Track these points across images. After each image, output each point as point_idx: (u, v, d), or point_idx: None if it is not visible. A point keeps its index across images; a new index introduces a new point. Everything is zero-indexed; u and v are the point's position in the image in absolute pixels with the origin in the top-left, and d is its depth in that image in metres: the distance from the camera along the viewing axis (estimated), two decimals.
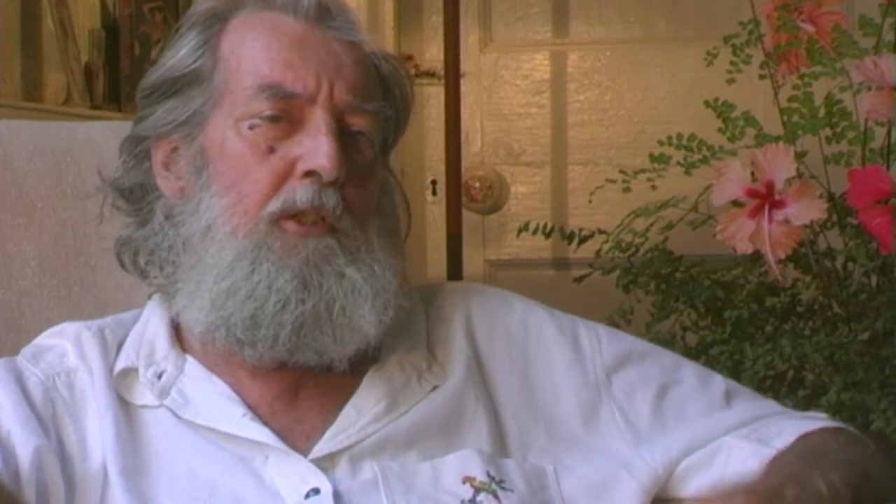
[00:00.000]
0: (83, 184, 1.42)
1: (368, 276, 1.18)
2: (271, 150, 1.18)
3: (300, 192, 1.16)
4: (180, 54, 1.23)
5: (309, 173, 1.17)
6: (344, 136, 1.19)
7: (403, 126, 1.32)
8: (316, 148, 1.17)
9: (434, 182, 2.69)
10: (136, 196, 1.26)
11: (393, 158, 1.36)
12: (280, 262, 1.16)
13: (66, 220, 1.42)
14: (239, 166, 1.18)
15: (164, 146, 1.23)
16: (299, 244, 1.16)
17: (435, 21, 2.63)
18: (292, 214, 1.17)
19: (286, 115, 1.18)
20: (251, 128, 1.18)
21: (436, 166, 2.65)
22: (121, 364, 1.23)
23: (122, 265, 1.27)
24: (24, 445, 1.15)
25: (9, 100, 2.18)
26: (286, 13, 1.22)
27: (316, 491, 1.15)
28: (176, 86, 1.22)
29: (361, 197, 1.20)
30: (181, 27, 1.25)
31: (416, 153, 2.70)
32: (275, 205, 1.17)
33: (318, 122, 1.18)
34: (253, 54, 1.20)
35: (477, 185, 2.65)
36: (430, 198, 2.70)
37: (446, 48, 2.32)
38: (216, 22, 1.23)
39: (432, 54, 2.68)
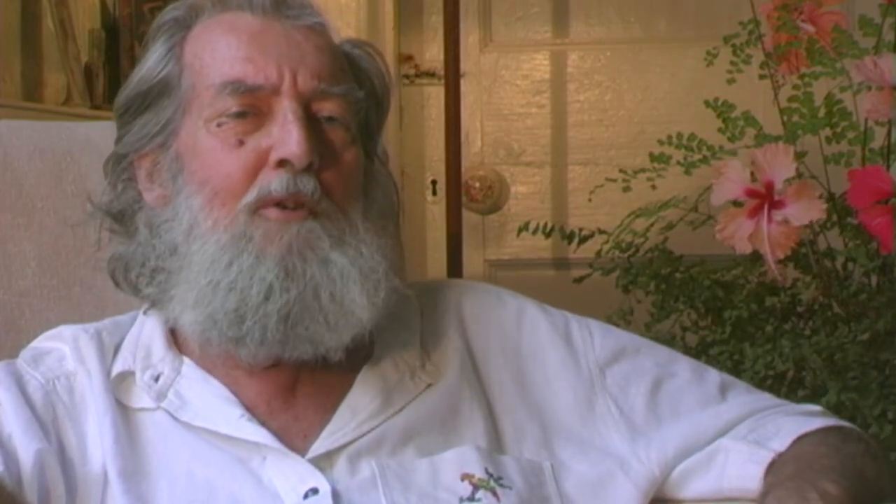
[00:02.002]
0: (83, 184, 1.42)
1: (355, 259, 1.18)
2: (241, 143, 1.18)
3: (275, 182, 1.16)
4: (147, 66, 1.24)
5: (282, 163, 1.16)
6: (315, 123, 1.19)
7: (384, 108, 1.30)
8: (285, 136, 1.17)
9: (434, 182, 2.69)
10: (128, 216, 1.26)
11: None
12: (261, 251, 1.15)
13: (65, 220, 1.42)
14: (210, 162, 1.18)
15: (146, 160, 1.24)
16: (281, 230, 1.16)
17: (435, 21, 2.63)
18: (269, 203, 1.16)
19: (253, 109, 1.18)
20: (219, 125, 1.18)
21: (436, 166, 2.65)
22: (118, 368, 1.23)
23: (116, 283, 1.27)
24: (26, 449, 1.15)
25: (9, 100, 2.18)
26: (242, 10, 1.23)
27: (314, 491, 1.15)
28: (147, 99, 1.23)
29: (340, 181, 1.20)
30: (147, 41, 1.26)
31: (416, 153, 2.70)
32: (251, 195, 1.16)
33: (285, 111, 1.17)
34: (214, 55, 1.21)
35: (477, 185, 2.66)
36: (430, 198, 2.70)
37: (446, 48, 2.32)
38: (179, 30, 1.24)
39: (432, 54, 2.68)
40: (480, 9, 2.67)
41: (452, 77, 2.31)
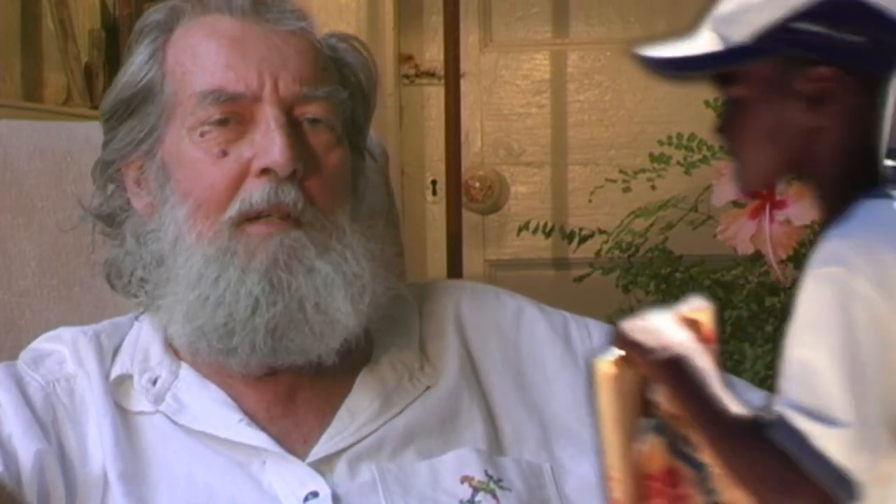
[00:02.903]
0: (83, 184, 1.42)
1: (339, 265, 1.17)
2: (224, 153, 1.17)
3: (256, 193, 1.16)
4: (131, 70, 1.23)
5: (265, 171, 1.16)
6: (298, 128, 1.19)
7: (372, 102, 1.29)
8: (267, 144, 1.16)
9: (434, 182, 2.68)
10: (117, 222, 1.25)
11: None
12: (245, 265, 1.15)
13: (65, 220, 1.42)
14: (194, 173, 1.18)
15: (132, 167, 1.23)
16: (264, 244, 1.15)
17: (435, 21, 2.63)
18: (252, 217, 1.16)
19: (235, 116, 1.18)
20: (202, 135, 1.18)
21: (436, 166, 2.65)
22: (116, 371, 1.23)
23: (112, 287, 1.27)
24: (26, 449, 1.15)
25: (9, 100, 2.17)
26: (222, 13, 1.22)
27: (314, 494, 1.15)
28: (131, 105, 1.22)
29: (325, 186, 1.19)
30: (130, 44, 1.25)
31: (416, 153, 2.70)
32: (233, 209, 1.16)
33: (267, 118, 1.17)
34: (195, 61, 1.20)
35: (477, 185, 2.65)
36: (430, 198, 2.70)
37: (446, 48, 2.32)
38: (161, 34, 1.23)
39: (432, 54, 2.68)
40: (480, 9, 2.67)
41: (452, 77, 2.31)
